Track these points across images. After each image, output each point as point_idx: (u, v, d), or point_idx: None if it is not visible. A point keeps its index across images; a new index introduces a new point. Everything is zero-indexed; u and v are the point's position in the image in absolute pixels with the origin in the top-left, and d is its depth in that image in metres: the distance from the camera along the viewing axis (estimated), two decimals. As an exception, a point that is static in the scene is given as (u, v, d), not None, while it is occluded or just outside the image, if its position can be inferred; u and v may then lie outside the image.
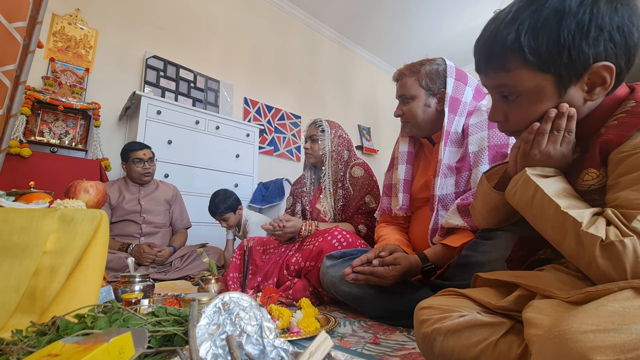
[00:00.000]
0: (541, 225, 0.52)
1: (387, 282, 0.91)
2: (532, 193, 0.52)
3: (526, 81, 0.52)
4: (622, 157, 0.46)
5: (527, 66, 0.51)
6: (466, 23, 3.99)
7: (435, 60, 1.08)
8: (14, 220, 0.71)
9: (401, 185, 1.15)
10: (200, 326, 0.43)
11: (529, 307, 0.44)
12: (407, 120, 1.11)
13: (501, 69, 0.53)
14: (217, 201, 1.98)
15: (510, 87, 0.54)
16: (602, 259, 0.42)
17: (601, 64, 0.48)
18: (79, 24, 2.33)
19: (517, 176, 0.56)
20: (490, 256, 0.76)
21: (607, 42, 0.47)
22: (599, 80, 0.50)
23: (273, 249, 1.46)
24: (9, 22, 0.87)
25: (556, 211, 0.48)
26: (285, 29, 3.76)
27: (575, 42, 0.47)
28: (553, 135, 0.53)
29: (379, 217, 1.28)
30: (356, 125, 4.37)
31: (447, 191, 1.00)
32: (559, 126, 0.52)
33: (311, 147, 1.58)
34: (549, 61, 0.50)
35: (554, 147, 0.53)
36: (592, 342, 0.30)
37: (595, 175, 0.51)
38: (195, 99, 2.83)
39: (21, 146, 1.70)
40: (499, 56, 0.53)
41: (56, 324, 0.51)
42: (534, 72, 0.51)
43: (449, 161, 1.01)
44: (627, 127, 0.47)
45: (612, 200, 0.47)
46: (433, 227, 1.00)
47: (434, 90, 1.06)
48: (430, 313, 0.54)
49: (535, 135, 0.54)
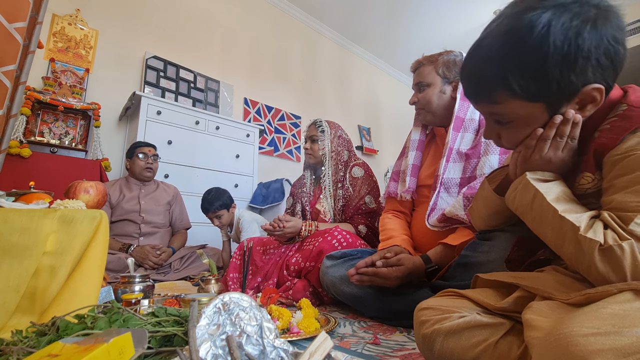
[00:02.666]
0: (541, 230, 0.52)
1: (391, 283, 0.91)
2: (532, 197, 0.52)
3: (517, 110, 0.53)
4: (616, 160, 0.47)
5: (516, 98, 0.52)
6: (466, 24, 3.98)
7: (453, 51, 1.12)
8: (14, 221, 0.71)
9: (409, 170, 1.17)
10: (200, 326, 0.43)
11: (529, 309, 0.44)
12: (421, 107, 1.12)
13: (491, 101, 0.54)
14: (210, 198, 1.94)
15: (502, 115, 0.55)
16: (601, 263, 0.42)
17: (591, 86, 0.49)
18: (79, 25, 2.33)
19: (517, 180, 0.56)
20: (490, 256, 0.76)
21: (595, 69, 0.48)
22: (589, 99, 0.50)
23: (273, 249, 1.46)
24: (9, 22, 0.87)
25: (554, 215, 0.48)
26: (285, 29, 3.76)
27: (563, 75, 0.48)
28: (556, 142, 0.53)
29: (384, 201, 1.29)
30: (356, 125, 4.37)
31: (452, 175, 1.01)
32: (563, 132, 0.52)
33: (311, 148, 1.58)
34: (538, 94, 0.50)
35: (556, 153, 0.53)
36: (593, 346, 0.30)
37: (591, 179, 0.51)
38: (195, 100, 2.83)
39: (21, 146, 1.70)
40: (488, 91, 0.54)
41: (56, 325, 0.51)
42: (525, 102, 0.52)
43: (461, 147, 1.02)
44: (620, 131, 0.48)
45: (607, 203, 0.47)
46: (432, 206, 1.02)
47: (450, 79, 1.09)
48: (430, 314, 0.54)
49: (538, 140, 0.54)
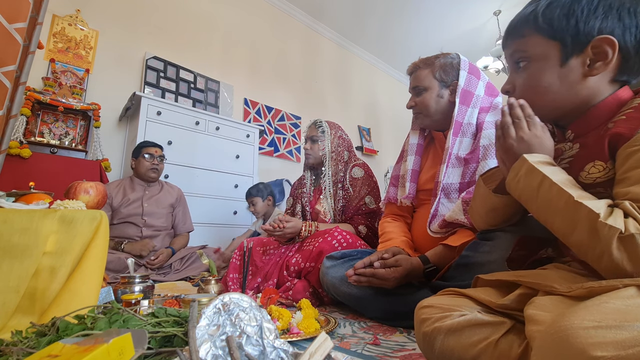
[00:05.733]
0: (547, 216, 0.51)
1: (389, 284, 0.90)
2: (539, 182, 0.50)
3: (535, 46, 0.59)
4: (632, 151, 0.47)
5: (538, 32, 0.58)
6: (465, 24, 3.98)
7: (450, 54, 1.11)
8: (14, 221, 0.71)
9: (409, 175, 1.16)
10: (200, 327, 0.43)
11: (531, 304, 0.44)
12: (419, 112, 1.11)
13: (517, 35, 0.61)
14: (252, 186, 2.39)
15: (522, 52, 0.61)
16: (618, 251, 0.41)
17: (604, 36, 0.52)
18: (79, 25, 2.33)
19: (516, 164, 0.55)
20: (490, 256, 0.76)
21: (614, 19, 0.52)
22: (600, 54, 0.53)
23: (273, 249, 1.46)
24: (10, 23, 0.87)
25: (568, 201, 0.46)
26: (285, 29, 3.76)
27: (584, 14, 0.53)
28: (516, 124, 0.59)
29: (384, 206, 1.29)
30: (356, 126, 4.37)
31: (452, 180, 1.01)
32: (517, 115, 0.59)
33: (311, 148, 1.58)
34: (558, 28, 0.56)
35: (523, 131, 0.58)
36: (593, 338, 0.30)
37: (602, 168, 0.52)
38: (196, 100, 2.83)
39: (21, 147, 1.69)
40: (518, 24, 0.61)
41: (56, 325, 0.51)
42: (544, 38, 0.58)
43: (459, 152, 1.02)
44: (636, 122, 0.48)
45: (622, 195, 0.46)
46: (433, 213, 1.01)
47: (447, 82, 1.07)
48: (430, 312, 0.54)
49: (502, 129, 0.60)
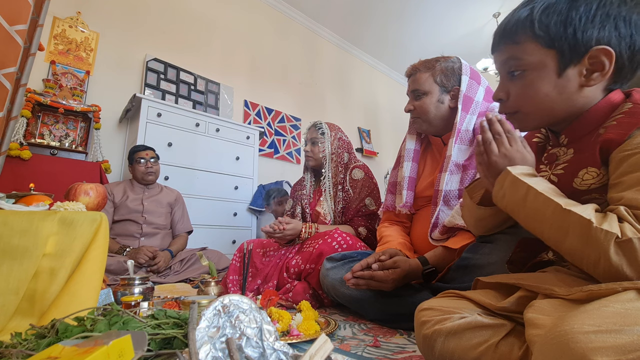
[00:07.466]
0: (535, 225, 0.51)
1: (388, 286, 0.90)
2: (524, 193, 0.51)
3: (532, 55, 0.56)
4: (625, 155, 0.47)
5: (534, 39, 0.55)
6: (464, 26, 3.99)
7: (450, 58, 1.09)
8: (13, 223, 0.71)
9: (405, 183, 1.14)
10: (200, 329, 0.43)
11: (531, 307, 0.44)
12: (417, 116, 1.10)
13: (511, 41, 0.58)
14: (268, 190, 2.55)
15: (517, 60, 0.57)
16: (616, 255, 0.41)
17: (602, 47, 0.51)
18: (80, 27, 2.34)
19: (500, 177, 0.56)
20: (490, 258, 0.76)
21: (611, 29, 0.51)
22: (597, 64, 0.52)
23: (273, 251, 1.46)
24: (10, 24, 0.87)
25: (555, 210, 0.46)
26: (285, 31, 3.78)
27: (582, 22, 0.51)
28: (497, 140, 0.60)
29: (382, 214, 1.28)
30: (356, 127, 4.37)
31: (451, 187, 1.00)
32: (497, 130, 0.60)
33: (311, 150, 1.58)
34: (555, 36, 0.53)
35: (505, 147, 0.58)
36: (594, 343, 0.30)
37: (596, 174, 0.52)
38: (196, 102, 2.83)
39: (21, 148, 1.70)
40: (512, 29, 0.58)
41: (55, 327, 0.51)
42: (540, 46, 0.55)
43: (457, 159, 1.01)
44: (627, 126, 0.48)
45: (616, 200, 0.46)
46: (434, 222, 1.00)
47: (448, 88, 1.06)
48: (430, 314, 0.54)
49: (484, 146, 0.60)
